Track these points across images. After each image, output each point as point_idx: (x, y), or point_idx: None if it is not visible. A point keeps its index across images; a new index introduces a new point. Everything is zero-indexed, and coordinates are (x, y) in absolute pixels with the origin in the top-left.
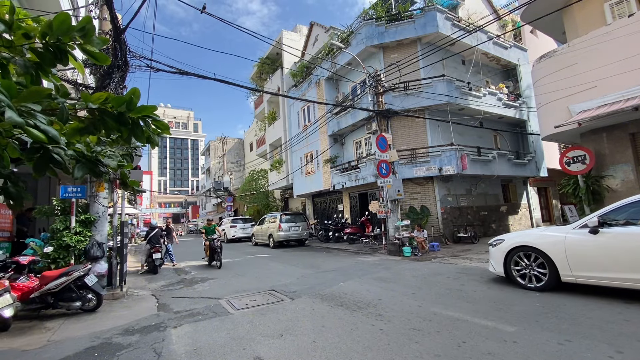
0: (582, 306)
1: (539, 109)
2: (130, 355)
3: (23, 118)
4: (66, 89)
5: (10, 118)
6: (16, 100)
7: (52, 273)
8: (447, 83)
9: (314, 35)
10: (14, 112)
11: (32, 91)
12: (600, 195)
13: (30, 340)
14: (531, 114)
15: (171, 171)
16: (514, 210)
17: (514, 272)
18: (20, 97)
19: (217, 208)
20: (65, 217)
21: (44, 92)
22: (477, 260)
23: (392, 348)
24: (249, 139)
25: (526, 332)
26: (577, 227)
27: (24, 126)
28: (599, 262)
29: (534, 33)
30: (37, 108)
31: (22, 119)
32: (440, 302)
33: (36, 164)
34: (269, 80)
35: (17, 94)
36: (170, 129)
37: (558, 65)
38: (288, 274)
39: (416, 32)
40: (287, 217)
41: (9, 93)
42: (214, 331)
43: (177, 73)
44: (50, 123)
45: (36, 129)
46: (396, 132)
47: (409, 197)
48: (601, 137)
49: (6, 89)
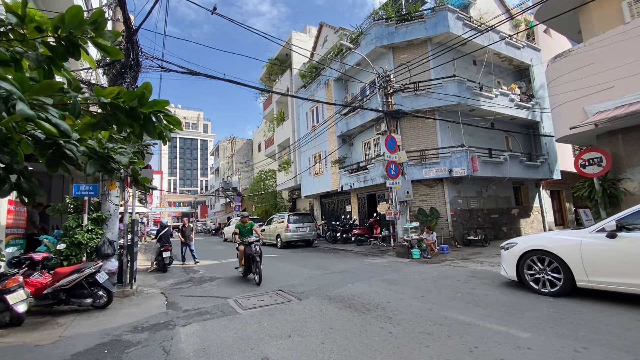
0: (599, 312)
1: (553, 110)
2: (140, 352)
3: (35, 111)
4: (78, 83)
5: (22, 110)
6: (28, 94)
7: (65, 270)
8: (458, 83)
9: (323, 36)
10: (26, 105)
11: (45, 84)
12: (616, 199)
13: (42, 335)
14: (544, 115)
15: (181, 171)
16: (525, 214)
17: (527, 277)
18: (32, 90)
19: (225, 208)
20: (77, 215)
21: (56, 86)
22: (488, 264)
23: (401, 352)
24: (258, 140)
25: (541, 338)
26: (594, 231)
27: (35, 119)
28: (617, 267)
29: (547, 33)
30: (49, 101)
31: (34, 112)
32: (450, 306)
33: (49, 159)
34: (278, 81)
35: (29, 88)
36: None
37: (574, 65)
38: (296, 275)
39: (427, 32)
40: (295, 217)
41: (21, 86)
42: (222, 330)
43: (188, 73)
44: (63, 117)
45: (48, 122)
46: (405, 133)
47: (418, 199)
48: (617, 139)
49: (18, 82)
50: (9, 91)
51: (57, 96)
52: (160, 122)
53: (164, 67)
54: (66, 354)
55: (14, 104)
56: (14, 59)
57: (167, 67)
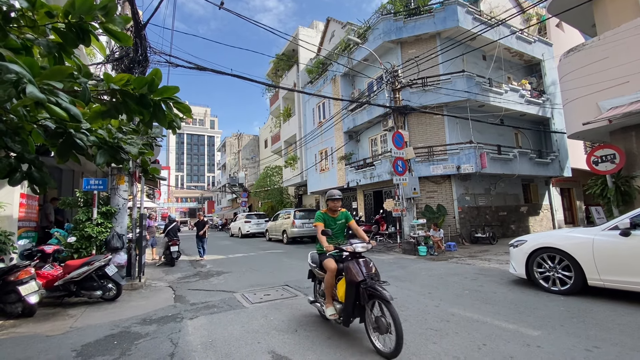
0: (611, 311)
1: (565, 106)
2: (148, 344)
3: (45, 95)
4: (88, 69)
5: (32, 93)
6: (38, 78)
7: (75, 262)
8: (467, 79)
9: (330, 31)
10: (36, 88)
11: (55, 70)
12: (629, 197)
13: (54, 326)
14: (555, 111)
15: (188, 167)
16: (534, 211)
17: (537, 275)
18: (42, 75)
19: (232, 204)
20: (87, 209)
21: (66, 71)
22: (496, 262)
23: (409, 347)
24: (264, 136)
25: (551, 336)
26: (607, 229)
27: (45, 102)
28: (630, 266)
29: (560, 27)
30: (59, 86)
31: (44, 95)
32: (458, 303)
33: (59, 149)
34: (284, 76)
35: (39, 73)
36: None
37: (587, 59)
38: (302, 270)
39: (435, 27)
40: (301, 213)
41: (31, 71)
42: (229, 324)
43: (195, 69)
44: (73, 103)
45: (58, 106)
46: (413, 129)
47: (425, 196)
48: (631, 136)
49: (28, 66)
50: (19, 74)
51: (67, 82)
52: (170, 109)
53: (172, 62)
54: (77, 345)
55: (24, 89)
56: (25, 46)
57: (174, 63)
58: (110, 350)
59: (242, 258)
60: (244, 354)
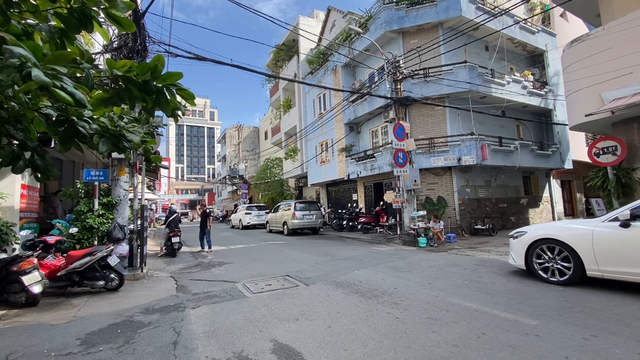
0: (609, 302)
1: (568, 97)
2: (151, 333)
3: (50, 79)
4: (91, 55)
5: (37, 77)
6: (42, 63)
7: (77, 253)
8: (469, 70)
9: (331, 21)
10: (41, 71)
11: (58, 54)
12: (630, 189)
13: (57, 315)
14: (557, 103)
15: (188, 159)
16: (534, 203)
17: (536, 265)
18: (46, 59)
19: (232, 195)
20: (88, 200)
21: (69, 56)
22: (495, 253)
23: (409, 336)
24: (264, 127)
25: (549, 326)
26: (607, 221)
27: (51, 86)
28: (630, 257)
29: (564, 17)
30: (63, 70)
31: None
32: (457, 293)
33: (62, 136)
34: (284, 67)
35: (43, 58)
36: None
37: (591, 49)
38: (302, 261)
39: (438, 17)
40: (302, 205)
41: (34, 55)
42: (231, 313)
43: (195, 59)
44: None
45: (63, 90)
46: (414, 121)
47: (426, 188)
48: (633, 128)
49: (32, 50)
50: (24, 57)
51: (70, 67)
52: (173, 96)
53: (171, 52)
54: (80, 333)
55: (28, 73)
56: (26, 32)
57: (174, 52)
58: (114, 339)
59: (243, 249)
60: (246, 342)
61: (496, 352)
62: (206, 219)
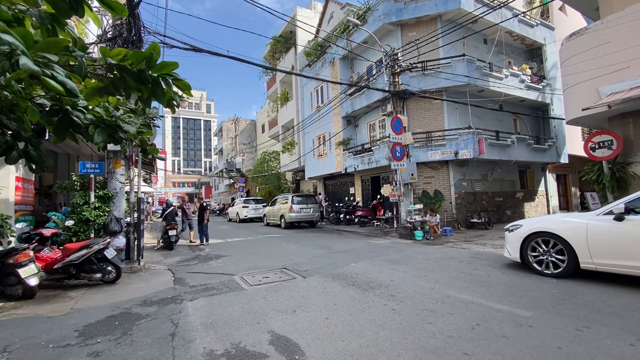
0: (601, 294)
1: (565, 91)
2: (149, 324)
3: (39, 68)
4: (84, 42)
5: (25, 65)
6: (32, 51)
7: (74, 245)
8: (467, 63)
9: (329, 12)
10: (29, 60)
11: (49, 42)
12: (625, 183)
13: (54, 307)
14: (555, 97)
15: (184, 151)
16: (530, 197)
17: (531, 258)
18: (36, 47)
19: (229, 189)
20: (84, 193)
21: (61, 44)
22: (491, 246)
23: (404, 328)
24: (261, 120)
25: (542, 317)
26: (601, 214)
27: (40, 75)
28: (623, 249)
29: (562, 10)
30: (55, 58)
31: (39, 68)
32: (453, 285)
33: (56, 126)
34: (282, 59)
35: (33, 45)
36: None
37: (589, 43)
38: (299, 254)
39: (437, 9)
40: (299, 198)
41: (25, 42)
42: (229, 305)
43: (191, 50)
44: (69, 78)
45: (54, 80)
46: (412, 114)
47: (423, 181)
48: (628, 122)
49: (22, 37)
50: (12, 45)
51: (62, 55)
52: (169, 86)
53: (167, 42)
54: (78, 325)
55: (17, 61)
56: (17, 18)
57: (169, 43)
58: (112, 331)
59: (241, 242)
60: (244, 333)
61: (490, 342)
62: (203, 213)
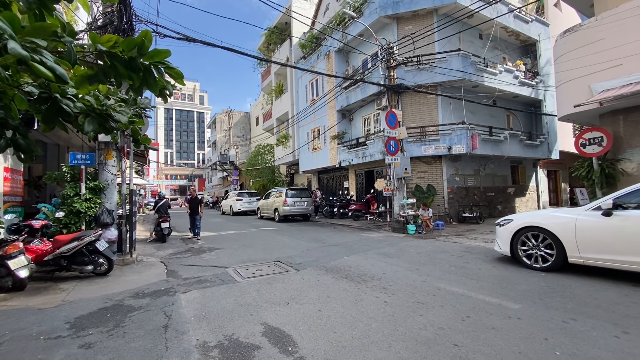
0: (588, 287)
1: (558, 87)
2: (142, 316)
3: (28, 53)
4: (73, 27)
5: (13, 49)
6: (20, 35)
7: (65, 237)
8: (463, 58)
9: (325, 4)
10: (17, 44)
11: (37, 26)
12: (614, 179)
13: (45, 299)
14: (547, 94)
15: (177, 144)
16: (521, 192)
17: (521, 252)
18: (24, 31)
19: (223, 182)
20: (75, 184)
21: (49, 28)
22: (482, 240)
23: (396, 319)
24: (256, 113)
25: (530, 309)
26: (590, 209)
27: (29, 60)
28: (610, 244)
29: (558, 6)
30: (43, 44)
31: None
32: (444, 278)
33: (45, 115)
34: (277, 51)
35: (21, 30)
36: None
37: (583, 40)
38: (293, 247)
39: (433, 3)
40: (293, 192)
41: (12, 26)
42: (222, 297)
43: (184, 39)
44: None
45: (43, 65)
46: (406, 109)
47: (416, 176)
48: (619, 119)
49: (9, 21)
50: (0, 29)
51: (50, 41)
52: (161, 75)
53: (159, 32)
54: (70, 317)
55: (5, 45)
56: (3, 2)
57: (162, 33)
58: (104, 323)
59: (234, 235)
60: (237, 325)
61: (480, 334)
62: (197, 205)
